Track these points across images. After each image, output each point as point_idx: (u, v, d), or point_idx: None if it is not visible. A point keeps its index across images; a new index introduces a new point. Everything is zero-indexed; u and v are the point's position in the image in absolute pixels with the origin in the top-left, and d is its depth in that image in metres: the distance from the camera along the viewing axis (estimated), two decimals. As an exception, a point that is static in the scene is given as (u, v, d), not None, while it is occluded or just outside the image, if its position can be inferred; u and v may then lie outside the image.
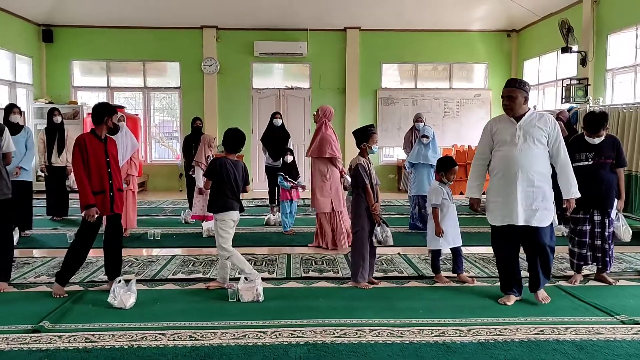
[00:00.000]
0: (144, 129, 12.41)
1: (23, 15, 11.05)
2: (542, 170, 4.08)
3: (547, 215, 4.12)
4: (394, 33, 12.37)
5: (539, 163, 4.06)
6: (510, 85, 4.11)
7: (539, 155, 4.06)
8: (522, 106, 4.08)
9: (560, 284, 4.85)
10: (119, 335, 3.57)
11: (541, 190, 4.06)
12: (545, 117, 4.11)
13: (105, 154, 4.45)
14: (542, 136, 4.05)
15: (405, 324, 3.80)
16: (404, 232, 7.31)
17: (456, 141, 12.41)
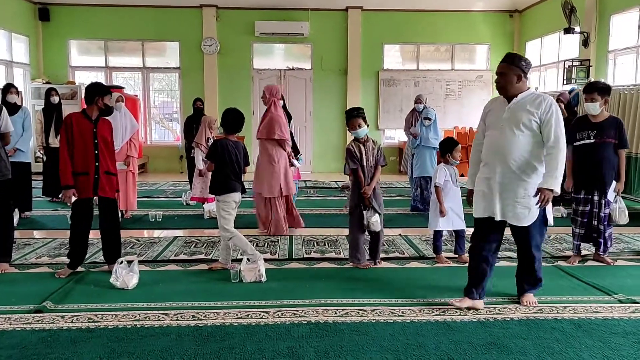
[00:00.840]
0: (143, 110, 12.35)
1: (19, -7, 10.93)
2: (526, 160, 3.53)
3: (527, 214, 3.58)
4: (397, 13, 12.25)
5: (523, 151, 3.52)
6: (503, 61, 3.61)
7: (524, 142, 3.51)
8: (516, 85, 3.56)
9: (559, 264, 4.89)
10: (121, 315, 3.58)
11: (522, 183, 3.55)
12: (541, 98, 3.55)
13: (93, 135, 4.39)
14: (532, 121, 3.50)
15: (406, 304, 3.83)
16: (405, 214, 7.34)
17: (457, 123, 12.38)
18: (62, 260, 4.77)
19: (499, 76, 3.59)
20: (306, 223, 6.59)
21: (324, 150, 12.31)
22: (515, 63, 3.55)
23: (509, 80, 3.55)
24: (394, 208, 7.59)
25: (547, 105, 3.51)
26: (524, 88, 3.58)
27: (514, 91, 3.57)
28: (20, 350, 3.05)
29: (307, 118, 12.32)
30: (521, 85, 3.56)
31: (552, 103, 3.52)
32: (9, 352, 3.03)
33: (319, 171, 12.18)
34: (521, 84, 3.56)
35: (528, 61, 3.61)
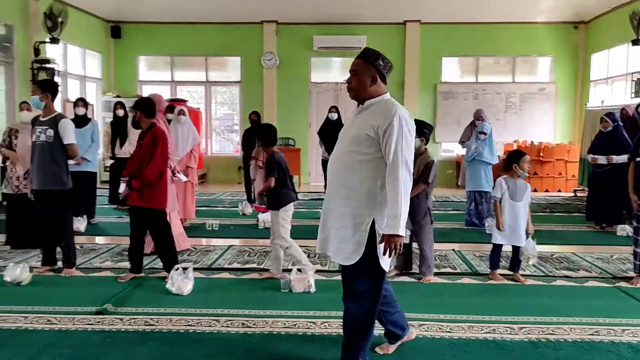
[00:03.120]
0: (205, 122, 12.77)
1: (93, 12, 11.59)
2: (355, 185, 2.74)
3: (351, 251, 2.75)
4: (456, 26, 12.12)
5: (352, 174, 2.75)
6: (358, 57, 2.86)
7: (355, 163, 2.74)
8: (369, 89, 2.79)
9: (620, 285, 4.68)
10: (175, 319, 3.73)
11: (349, 212, 2.75)
12: (388, 107, 2.73)
13: (138, 147, 4.66)
14: (367, 136, 2.70)
15: (455, 320, 3.79)
16: (459, 228, 7.22)
17: (518, 137, 12.05)
18: (124, 266, 5.01)
19: (351, 75, 2.86)
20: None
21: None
22: (371, 61, 2.80)
23: (361, 82, 2.80)
24: (448, 222, 7.49)
25: (390, 118, 2.68)
26: (377, 93, 2.81)
27: (365, 95, 2.82)
28: (80, 350, 3.25)
29: (364, 131, 12.34)
30: (376, 89, 2.80)
31: (397, 116, 2.67)
32: (70, 350, 3.23)
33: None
34: (376, 87, 2.80)
35: (388, 61, 2.84)
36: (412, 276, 4.87)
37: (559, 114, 12.32)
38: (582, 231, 7.16)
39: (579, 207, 9.00)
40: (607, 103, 10.32)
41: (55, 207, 4.73)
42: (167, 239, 4.73)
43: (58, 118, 4.70)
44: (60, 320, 3.70)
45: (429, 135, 4.84)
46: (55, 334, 3.48)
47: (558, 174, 11.19)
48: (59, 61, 9.85)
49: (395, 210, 2.62)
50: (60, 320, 3.71)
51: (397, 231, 2.62)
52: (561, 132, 12.33)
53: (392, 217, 2.63)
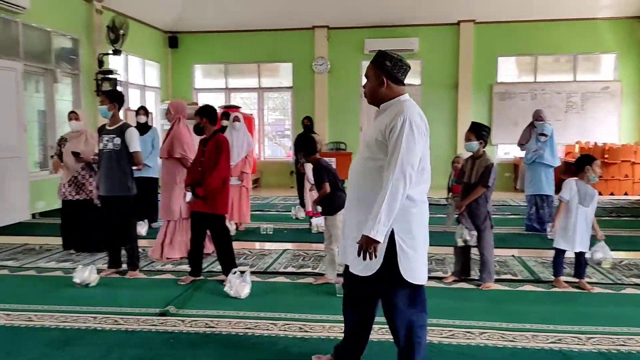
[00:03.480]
0: (258, 127, 12.97)
1: (152, 24, 12.02)
2: (370, 193, 2.60)
3: (369, 261, 2.57)
4: (512, 24, 11.81)
5: (366, 181, 2.67)
6: (371, 61, 2.78)
7: (368, 169, 2.67)
8: (381, 92, 2.71)
9: (698, 295, 4.41)
10: (234, 322, 3.79)
11: (365, 221, 2.56)
12: (397, 109, 2.63)
13: (201, 153, 4.76)
14: (377, 141, 2.63)
15: (518, 329, 3.67)
16: (519, 233, 7.01)
17: (580, 137, 11.61)
18: (184, 268, 5.14)
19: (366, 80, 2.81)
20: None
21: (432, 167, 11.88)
22: (378, 63, 2.71)
23: (372, 87, 2.74)
24: (507, 227, 7.27)
25: (398, 119, 2.57)
26: (390, 95, 2.72)
27: (377, 100, 2.76)
28: (146, 350, 3.35)
29: (417, 134, 12.21)
30: (387, 92, 2.71)
31: (406, 116, 2.56)
32: (137, 350, 3.34)
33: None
34: (387, 90, 2.70)
35: (397, 60, 2.69)
36: (471, 282, 4.76)
37: (624, 114, 11.79)
38: (652, 236, 6.81)
39: (648, 210, 8.57)
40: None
41: (121, 212, 4.91)
42: (227, 243, 4.81)
43: (124, 127, 4.89)
44: (126, 321, 3.83)
45: (487, 138, 4.73)
46: (121, 334, 3.61)
47: (624, 176, 10.70)
48: (120, 72, 10.25)
49: (376, 212, 2.48)
50: (126, 321, 3.84)
51: (370, 233, 2.47)
52: (627, 132, 11.79)
53: (371, 218, 2.50)
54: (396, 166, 2.49)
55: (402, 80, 2.73)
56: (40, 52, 8.57)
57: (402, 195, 2.50)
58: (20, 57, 8.01)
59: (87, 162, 5.74)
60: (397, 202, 2.49)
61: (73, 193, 5.75)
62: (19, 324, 3.83)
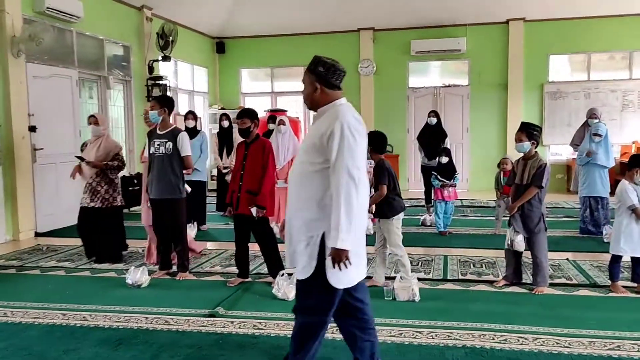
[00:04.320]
0: (304, 130, 13.03)
1: (200, 30, 12.27)
2: (307, 197, 2.65)
3: (304, 265, 2.66)
4: (564, 22, 11.43)
5: (304, 186, 2.68)
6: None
7: (306, 173, 2.67)
8: (316, 98, 2.72)
9: None
10: (282, 324, 3.81)
11: (303, 225, 2.65)
12: (333, 114, 2.64)
13: (243, 157, 4.77)
14: (314, 145, 2.63)
15: (574, 334, 3.55)
16: (573, 236, 6.78)
17: (637, 137, 11.12)
18: (232, 270, 5.21)
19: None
20: (461, 243, 6.40)
21: (481, 168, 11.84)
22: (310, 69, 2.73)
23: (307, 92, 2.75)
24: (560, 230, 7.04)
25: (335, 124, 2.58)
26: (326, 100, 2.72)
27: (314, 106, 2.77)
28: (196, 350, 3.41)
29: (464, 135, 11.98)
30: (322, 97, 2.71)
31: (343, 120, 2.57)
32: (187, 350, 3.41)
33: (476, 189, 11.74)
34: (322, 95, 2.71)
35: (330, 65, 2.71)
36: (523, 287, 4.63)
37: (686, 111, 11.23)
38: None
39: None
40: None
41: (173, 215, 5.02)
42: (273, 245, 4.83)
43: (176, 131, 5.00)
44: (176, 322, 3.92)
45: (538, 138, 4.61)
46: (172, 334, 3.69)
47: (685, 177, 10.17)
48: (170, 77, 10.52)
49: (336, 221, 2.49)
50: (176, 321, 3.93)
51: (337, 244, 2.48)
52: (689, 130, 11.22)
53: (333, 228, 2.50)
54: (343, 172, 2.50)
55: (337, 85, 2.74)
56: (93, 59, 8.89)
57: (355, 199, 2.50)
58: (75, 65, 8.32)
59: (100, 168, 5.62)
60: (354, 206, 2.50)
61: (88, 200, 5.64)
62: (74, 323, 3.96)
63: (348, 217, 2.48)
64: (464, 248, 6.18)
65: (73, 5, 7.96)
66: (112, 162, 5.69)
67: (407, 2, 11.17)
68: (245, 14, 11.93)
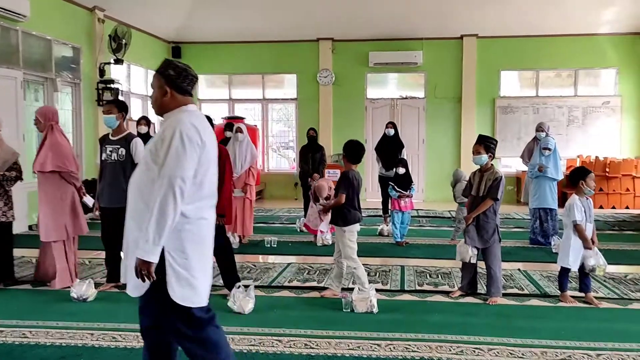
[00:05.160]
0: (262, 138, 12.94)
1: (156, 34, 12.02)
2: (142, 208, 2.43)
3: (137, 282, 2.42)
4: (515, 39, 11.83)
5: (140, 196, 2.48)
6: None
7: (143, 183, 2.48)
8: (164, 102, 2.55)
9: None
10: (238, 339, 3.71)
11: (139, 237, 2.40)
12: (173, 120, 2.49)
13: None
14: (150, 153, 2.48)
15: (527, 345, 3.61)
16: (524, 247, 6.95)
17: (582, 151, 11.59)
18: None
19: None
20: (418, 254, 6.47)
21: (437, 179, 12.05)
22: (160, 72, 2.56)
23: (156, 96, 2.58)
24: (511, 240, 7.22)
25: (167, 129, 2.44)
26: (173, 106, 2.55)
27: (162, 110, 2.59)
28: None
29: (420, 146, 12.18)
30: (171, 102, 2.55)
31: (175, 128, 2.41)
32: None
33: (432, 200, 11.93)
34: (171, 100, 2.55)
35: (181, 70, 2.56)
36: (478, 297, 4.70)
37: (624, 128, 11.77)
38: (656, 251, 6.74)
39: (651, 225, 8.51)
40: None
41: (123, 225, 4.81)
42: (230, 256, 4.73)
43: (130, 137, 4.83)
44: (125, 338, 3.74)
45: (494, 151, 4.71)
46: (120, 352, 3.52)
47: (625, 190, 10.68)
48: (122, 81, 10.23)
49: (146, 232, 2.29)
50: (125, 337, 3.75)
51: (144, 255, 2.30)
52: (627, 146, 11.78)
53: (142, 237, 2.33)
54: (164, 181, 2.33)
55: (188, 90, 2.58)
56: (40, 60, 8.54)
57: (172, 210, 2.31)
58: (20, 65, 7.97)
59: None
60: (168, 219, 2.30)
61: (7, 214, 5.04)
62: (12, 340, 3.71)
63: (159, 229, 2.29)
64: (421, 258, 6.24)
65: (19, 3, 7.62)
66: (10, 172, 4.98)
67: (365, 13, 11.28)
68: (203, 19, 11.76)
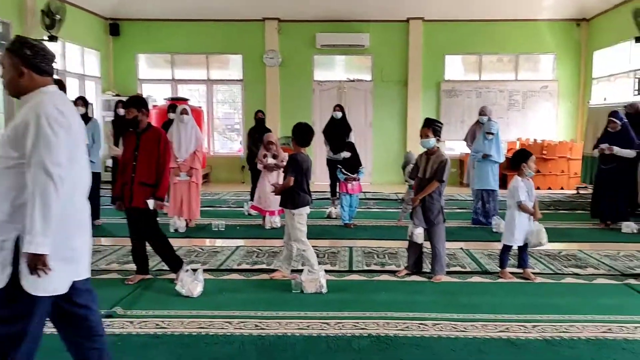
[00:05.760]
0: (207, 121, 12.72)
1: (91, 9, 11.44)
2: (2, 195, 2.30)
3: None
4: (459, 24, 12.08)
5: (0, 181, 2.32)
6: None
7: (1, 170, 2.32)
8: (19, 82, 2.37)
9: (629, 282, 4.69)
10: (187, 322, 3.70)
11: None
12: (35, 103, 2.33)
13: (134, 147, 4.53)
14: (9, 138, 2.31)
15: (469, 319, 3.77)
16: (467, 227, 7.20)
17: (521, 134, 12.04)
18: (131, 267, 4.95)
19: None
20: (365, 235, 6.59)
21: (383, 162, 12.25)
22: (14, 50, 2.36)
23: (10, 77, 2.38)
24: (455, 221, 7.45)
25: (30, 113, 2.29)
26: (31, 87, 2.38)
27: (17, 92, 2.42)
28: (93, 352, 3.20)
29: (367, 129, 12.31)
30: (28, 83, 2.37)
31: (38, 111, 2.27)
32: (84, 353, 3.18)
33: (379, 183, 12.13)
34: (28, 81, 2.37)
35: (39, 49, 2.39)
36: (423, 275, 4.85)
37: (561, 112, 12.30)
38: (587, 229, 7.13)
39: (583, 204, 8.98)
40: (609, 100, 10.31)
41: None
42: (162, 241, 4.64)
43: None
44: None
45: (440, 133, 4.82)
46: (66, 337, 3.43)
47: (561, 171, 11.19)
48: (57, 60, 9.76)
49: (30, 224, 2.18)
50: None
51: (32, 249, 2.18)
52: (563, 129, 12.31)
53: (27, 232, 2.19)
54: (39, 169, 2.21)
55: (47, 70, 2.43)
56: (-34, 36, 8.06)
57: (55, 198, 2.22)
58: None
59: None
60: (52, 207, 2.21)
61: None
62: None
63: (45, 219, 2.20)
64: (368, 239, 6.36)
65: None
66: None
67: (312, -7, 11.22)
68: (142, -5, 11.38)
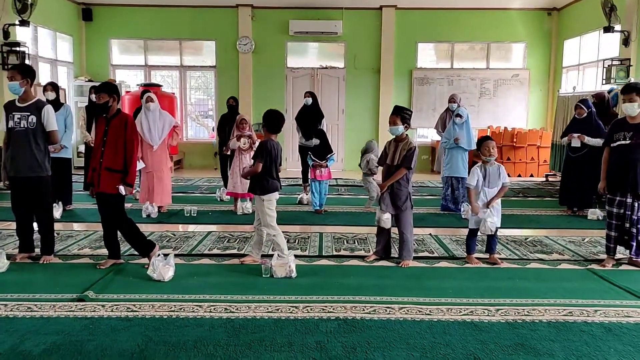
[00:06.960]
0: (180, 107, 12.62)
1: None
2: None
3: None
4: (431, 11, 12.19)
5: None
6: None
7: None
8: None
9: (592, 267, 4.84)
10: (158, 305, 3.74)
11: None
12: None
13: (103, 133, 4.54)
14: None
15: (434, 303, 3.88)
16: (436, 213, 7.34)
17: (492, 122, 12.25)
18: (102, 252, 4.97)
19: None
20: (335, 221, 6.68)
21: (355, 149, 12.24)
22: None
23: None
24: (424, 207, 7.60)
25: None
26: None
27: None
28: (64, 336, 3.23)
29: (340, 116, 12.38)
30: None
31: None
32: (54, 337, 3.22)
33: (350, 169, 12.22)
34: None
35: None
36: (392, 260, 4.96)
37: (531, 100, 12.54)
38: (554, 215, 7.34)
39: (551, 191, 9.22)
40: (578, 89, 10.56)
41: (37, 194, 4.66)
42: (129, 226, 4.65)
43: (40, 104, 4.62)
44: (41, 308, 3.67)
45: (409, 121, 4.91)
46: (36, 321, 3.45)
47: (530, 159, 11.44)
48: (29, 44, 9.59)
49: None
50: (41, 307, 3.68)
51: None
52: (534, 118, 12.57)
53: None
54: None
55: None
56: None
57: None
58: None
59: None
60: None
61: None
62: None
63: None
64: (338, 225, 6.45)
65: None
66: None
67: (286, -19, 11.18)
68: (115, -20, 11.20)
